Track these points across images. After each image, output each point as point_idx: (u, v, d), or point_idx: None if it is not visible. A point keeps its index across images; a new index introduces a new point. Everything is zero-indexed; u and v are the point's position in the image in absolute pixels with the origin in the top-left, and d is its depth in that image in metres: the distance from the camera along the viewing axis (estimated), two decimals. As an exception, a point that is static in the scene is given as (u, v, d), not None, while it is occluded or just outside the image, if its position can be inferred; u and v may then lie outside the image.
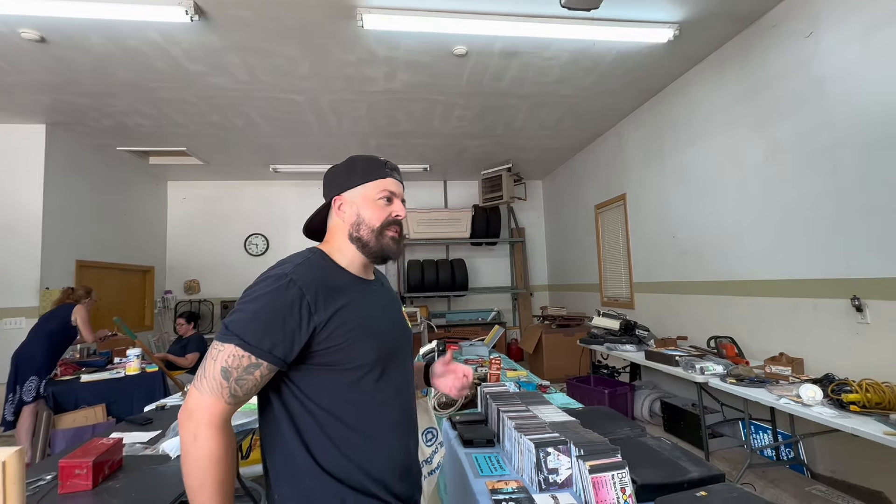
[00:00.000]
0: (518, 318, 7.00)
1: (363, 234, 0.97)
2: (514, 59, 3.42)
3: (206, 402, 0.79)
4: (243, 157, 5.56)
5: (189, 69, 3.38)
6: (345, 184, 0.99)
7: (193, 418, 0.78)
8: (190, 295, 6.52)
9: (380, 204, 0.97)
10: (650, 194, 4.35)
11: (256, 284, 0.86)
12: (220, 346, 0.80)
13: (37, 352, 3.29)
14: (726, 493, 1.09)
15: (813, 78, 2.64)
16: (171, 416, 2.11)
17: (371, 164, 1.00)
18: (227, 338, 0.80)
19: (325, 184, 1.03)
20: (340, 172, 1.01)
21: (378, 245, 0.97)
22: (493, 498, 1.19)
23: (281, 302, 0.82)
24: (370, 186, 0.98)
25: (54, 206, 4.39)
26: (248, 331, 0.80)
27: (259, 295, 0.83)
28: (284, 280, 0.84)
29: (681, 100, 3.84)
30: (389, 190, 0.99)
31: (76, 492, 1.37)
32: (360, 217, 0.97)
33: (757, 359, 2.96)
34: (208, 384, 0.79)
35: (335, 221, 1.00)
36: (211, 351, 0.81)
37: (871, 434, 1.70)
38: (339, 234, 0.98)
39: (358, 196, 0.97)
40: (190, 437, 0.77)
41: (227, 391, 0.79)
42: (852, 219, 2.44)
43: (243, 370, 0.80)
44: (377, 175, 0.99)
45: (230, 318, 0.83)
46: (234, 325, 0.81)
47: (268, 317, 0.81)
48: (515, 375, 2.57)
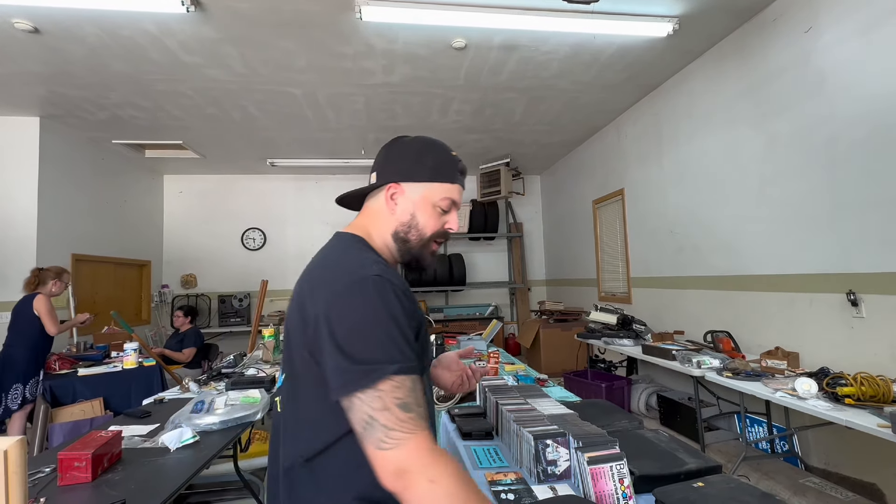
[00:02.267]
0: (516, 313, 7.02)
1: (412, 237, 0.86)
2: (513, 52, 3.41)
3: (409, 447, 0.65)
4: (240, 150, 5.53)
5: (185, 61, 3.35)
6: (408, 172, 0.85)
7: (412, 473, 0.64)
8: (187, 289, 6.50)
9: (437, 212, 0.86)
10: (648, 189, 4.36)
11: (351, 295, 0.70)
12: (374, 392, 0.66)
13: (16, 356, 3.15)
14: (723, 484, 1.10)
15: (812, 73, 2.64)
16: (169, 409, 2.11)
17: (444, 163, 0.87)
18: (374, 375, 0.66)
19: (386, 160, 0.87)
20: (407, 156, 0.86)
21: (419, 254, 0.87)
22: (492, 489, 1.20)
23: (391, 306, 0.71)
24: (436, 189, 0.85)
25: (49, 199, 4.36)
26: (391, 351, 0.68)
27: (368, 306, 0.70)
28: (380, 281, 0.72)
29: (680, 95, 3.84)
30: (454, 199, 0.87)
31: (75, 484, 1.37)
32: (413, 219, 0.85)
33: (753, 353, 2.98)
34: (400, 432, 0.65)
35: (381, 209, 0.87)
36: (368, 406, 0.66)
37: (866, 427, 1.72)
38: (383, 226, 0.87)
39: (419, 194, 0.85)
40: (425, 488, 0.63)
41: (420, 419, 0.67)
42: (849, 213, 2.45)
43: (413, 393, 0.68)
44: (448, 178, 0.86)
45: (356, 349, 0.68)
46: (369, 352, 0.68)
47: (392, 328, 0.70)
48: (513, 369, 2.58)
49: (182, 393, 2.49)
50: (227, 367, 2.96)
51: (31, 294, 3.30)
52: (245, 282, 6.51)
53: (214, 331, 6.17)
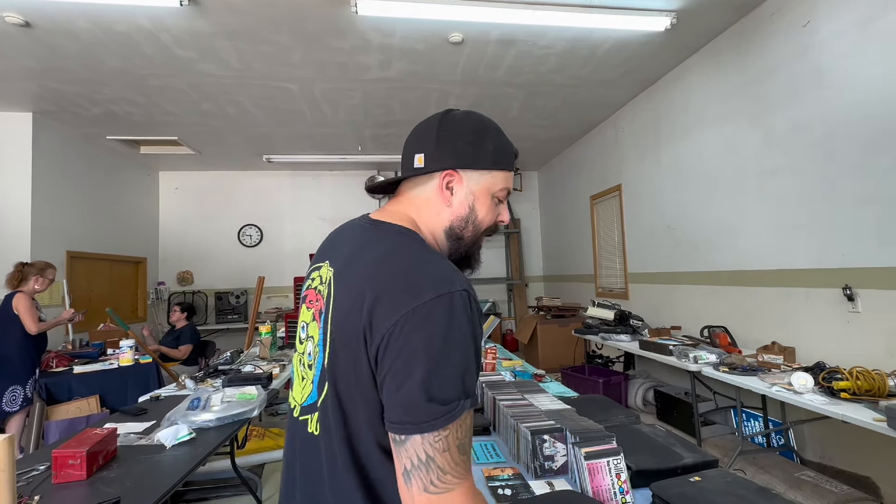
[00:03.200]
0: (513, 309, 7.03)
1: (467, 233, 0.76)
2: (511, 47, 3.39)
3: (455, 494, 0.59)
4: (236, 146, 5.49)
5: (179, 56, 3.31)
6: (469, 159, 0.74)
7: None
8: (183, 286, 6.47)
9: (494, 202, 0.77)
10: (646, 185, 4.36)
11: (438, 316, 0.59)
12: (444, 431, 0.58)
13: (7, 357, 3.08)
14: (720, 478, 1.10)
15: (809, 68, 2.64)
16: (165, 406, 2.10)
17: (504, 147, 0.77)
18: (449, 416, 0.58)
19: (439, 140, 0.74)
20: (464, 138, 0.74)
21: (470, 250, 0.78)
22: (489, 485, 1.20)
23: (475, 330, 0.63)
24: (498, 178, 0.76)
25: (43, 196, 4.32)
26: (469, 385, 0.61)
27: (454, 332, 0.60)
28: (467, 298, 0.62)
29: (677, 90, 3.83)
30: (510, 188, 0.78)
31: (70, 482, 1.37)
32: (472, 212, 0.75)
33: (749, 348, 2.99)
34: (453, 476, 0.59)
35: (433, 198, 0.75)
36: (430, 445, 0.58)
37: (861, 420, 1.73)
38: (435, 219, 0.76)
39: (480, 185, 0.75)
40: None
41: (470, 463, 0.62)
42: (845, 209, 2.45)
43: (469, 428, 0.62)
44: (508, 164, 0.77)
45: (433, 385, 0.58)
46: (450, 389, 0.59)
47: (472, 356, 0.61)
48: (511, 365, 2.58)
49: (178, 390, 2.48)
50: (224, 364, 2.95)
51: (12, 293, 3.20)
52: (242, 279, 6.49)
53: (211, 328, 6.16)
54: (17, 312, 3.12)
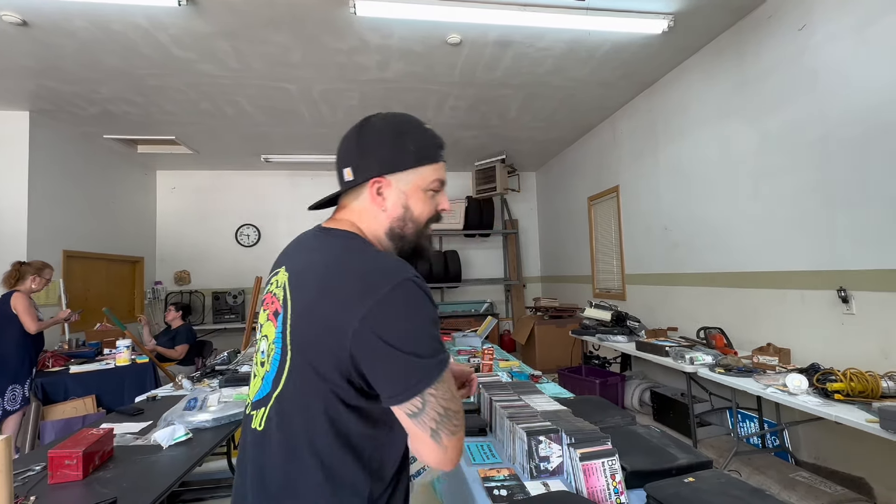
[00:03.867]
0: (511, 310, 7.04)
1: (408, 230, 0.80)
2: (509, 48, 3.40)
3: (457, 441, 0.69)
4: (234, 146, 5.48)
5: (177, 56, 3.31)
6: (392, 162, 0.77)
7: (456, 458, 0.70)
8: (181, 286, 6.46)
9: (429, 195, 0.80)
10: (643, 186, 4.37)
11: (403, 298, 0.67)
12: (443, 384, 0.68)
13: (7, 355, 3.08)
14: (714, 479, 1.11)
15: (805, 71, 2.65)
16: (162, 406, 2.10)
17: (427, 142, 0.80)
18: (439, 369, 0.68)
19: (361, 150, 0.78)
20: (385, 144, 0.77)
21: (419, 244, 0.82)
22: (485, 485, 1.20)
23: (431, 306, 0.71)
24: (425, 173, 0.79)
25: (40, 195, 4.31)
26: (440, 345, 0.70)
27: (416, 311, 0.68)
28: (420, 283, 0.70)
29: (674, 92, 3.85)
30: (442, 179, 0.81)
31: (66, 482, 1.36)
32: (408, 210, 0.78)
33: (745, 349, 3.01)
34: (461, 414, 0.70)
35: (367, 207, 0.79)
36: (442, 397, 0.67)
37: (854, 422, 1.74)
38: (375, 224, 0.80)
39: (409, 183, 0.78)
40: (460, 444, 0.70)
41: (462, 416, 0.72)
42: (840, 211, 2.47)
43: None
44: (433, 158, 0.79)
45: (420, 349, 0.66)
46: (431, 348, 0.67)
47: (436, 326, 0.70)
48: (508, 366, 2.59)
49: (175, 390, 2.48)
50: (221, 364, 2.95)
51: (9, 292, 3.20)
52: (239, 278, 6.48)
53: (208, 327, 6.15)
54: (15, 311, 3.12)
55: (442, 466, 0.69)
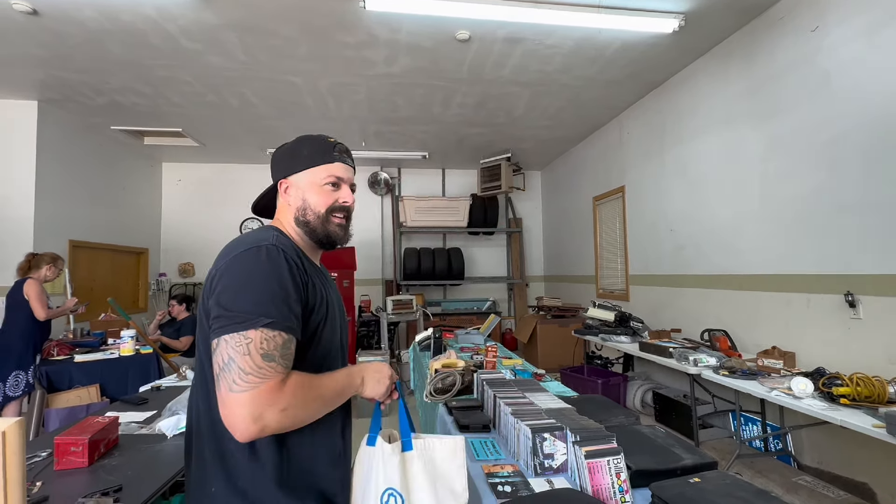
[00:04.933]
0: (513, 308, 7.03)
1: (309, 218, 0.95)
2: (518, 45, 3.38)
3: (261, 390, 0.70)
4: (239, 139, 5.49)
5: (185, 47, 3.31)
6: (290, 167, 0.97)
7: (265, 414, 0.70)
8: (184, 278, 6.48)
9: (326, 189, 0.96)
10: (649, 187, 4.35)
11: (244, 259, 0.79)
12: (243, 337, 0.71)
13: (12, 342, 3.14)
14: (719, 479, 1.11)
15: (817, 72, 2.63)
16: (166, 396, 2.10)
17: (318, 148, 0.97)
18: (246, 324, 0.72)
19: (273, 165, 1.00)
20: (286, 154, 0.99)
21: (324, 230, 0.96)
22: (489, 481, 1.20)
23: (280, 271, 0.79)
24: (317, 171, 0.96)
25: (47, 184, 4.32)
26: (269, 307, 0.74)
27: (255, 268, 0.78)
28: (274, 250, 0.81)
29: (683, 92, 3.82)
30: (336, 175, 0.97)
31: (72, 468, 1.37)
32: (305, 202, 0.95)
33: (749, 352, 3.00)
34: (255, 377, 0.70)
35: (282, 204, 0.99)
36: (232, 348, 0.71)
37: (860, 426, 1.73)
38: (286, 217, 0.97)
39: (304, 180, 0.96)
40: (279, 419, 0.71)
41: (281, 368, 0.73)
42: (849, 215, 2.45)
43: (282, 348, 0.74)
44: (324, 159, 0.96)
45: (235, 301, 0.74)
46: (247, 304, 0.74)
47: (275, 289, 0.77)
48: (511, 364, 2.58)
49: (179, 381, 2.49)
50: (225, 356, 2.96)
51: (22, 279, 3.27)
52: (243, 272, 6.48)
53: (212, 320, 6.16)
54: (27, 298, 3.18)
55: (229, 428, 0.71)
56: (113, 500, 1.19)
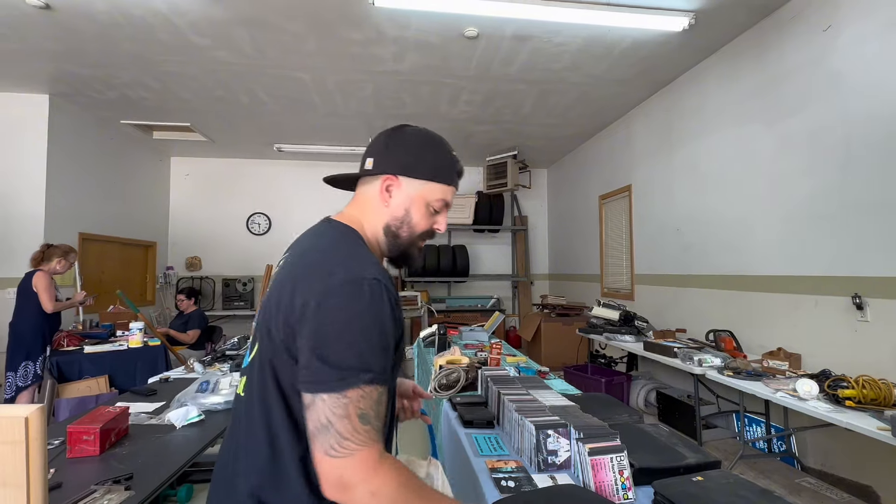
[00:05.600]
0: (517, 306, 7.04)
1: (403, 233, 0.84)
2: (526, 43, 3.37)
3: (356, 459, 0.64)
4: (247, 134, 5.52)
5: (195, 42, 3.33)
6: (408, 167, 0.83)
7: (354, 486, 0.64)
8: (192, 272, 6.54)
9: (430, 210, 0.85)
10: (656, 186, 4.33)
11: (344, 297, 0.68)
12: (342, 397, 0.65)
13: (23, 332, 3.20)
14: (722, 479, 1.11)
15: (828, 72, 2.60)
16: (174, 388, 2.14)
17: (445, 162, 0.86)
18: (346, 381, 0.65)
19: (385, 150, 0.84)
20: (409, 149, 0.84)
21: (408, 251, 0.86)
22: (492, 476, 1.22)
23: (383, 315, 0.69)
24: (434, 189, 0.84)
25: (57, 177, 4.37)
26: (370, 360, 0.67)
27: (357, 312, 0.68)
28: (377, 286, 0.70)
29: (692, 91, 3.80)
30: (447, 200, 0.86)
31: (84, 456, 1.40)
32: (407, 215, 0.84)
33: (755, 353, 2.99)
34: (353, 442, 0.64)
35: (374, 200, 0.85)
36: (330, 410, 0.65)
37: (865, 429, 1.73)
38: (375, 217, 0.85)
39: (416, 192, 0.83)
40: (365, 501, 0.65)
41: (375, 433, 0.67)
42: (859, 216, 2.43)
43: (377, 404, 0.68)
44: (446, 179, 0.85)
45: (335, 352, 0.66)
46: (347, 359, 0.66)
47: (376, 337, 0.68)
48: (515, 361, 2.59)
49: (187, 373, 2.52)
50: (231, 350, 3.00)
51: (33, 270, 3.32)
52: (249, 266, 6.54)
53: (218, 314, 6.22)
54: (35, 290, 3.21)
55: (321, 484, 0.65)
56: (124, 487, 1.22)
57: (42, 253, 3.40)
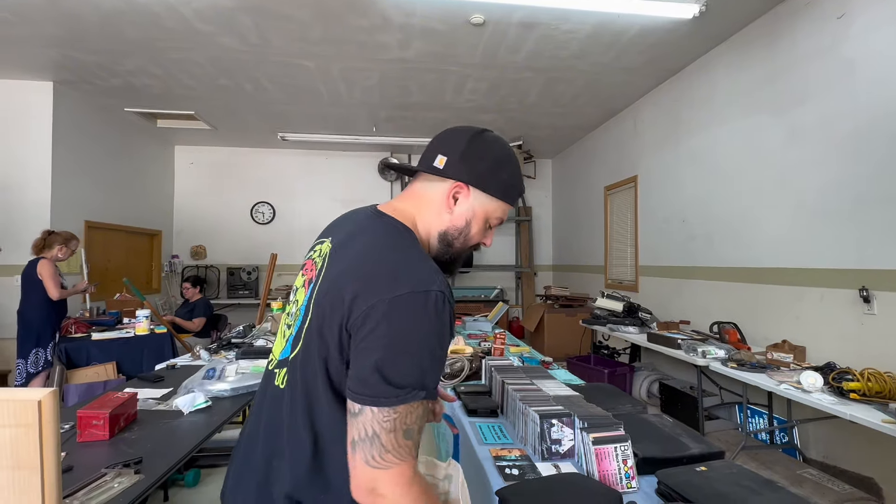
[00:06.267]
0: (521, 297, 7.05)
1: (458, 244, 0.83)
2: (533, 30, 3.32)
3: (393, 473, 0.64)
4: (251, 123, 5.50)
5: (199, 29, 3.30)
6: (483, 179, 0.81)
7: (385, 497, 0.65)
8: (196, 260, 6.58)
9: (487, 226, 0.86)
10: (662, 177, 4.30)
11: (409, 308, 0.66)
12: (392, 411, 0.64)
13: (31, 320, 3.23)
14: (726, 469, 1.12)
15: (841, 61, 2.55)
16: (181, 375, 2.16)
17: (515, 184, 0.86)
18: (400, 398, 0.64)
19: (465, 154, 0.81)
20: (486, 161, 0.81)
21: (455, 261, 0.86)
22: (497, 464, 1.23)
23: (445, 329, 0.69)
24: (499, 207, 0.84)
25: (63, 165, 4.38)
26: (426, 378, 0.67)
27: (422, 326, 0.67)
28: (442, 299, 0.68)
29: (701, 80, 3.74)
30: (503, 220, 0.87)
31: (94, 441, 1.42)
32: (468, 226, 0.82)
33: (759, 345, 2.98)
34: (394, 456, 0.64)
35: (438, 202, 0.82)
36: (378, 423, 0.64)
37: (870, 421, 1.73)
38: (433, 220, 0.82)
39: (483, 207, 0.83)
40: (360, 491, 0.65)
41: (415, 449, 0.67)
42: (869, 208, 2.40)
43: (421, 419, 0.68)
44: (512, 199, 0.86)
45: (394, 367, 0.65)
46: (406, 376, 0.65)
47: (438, 353, 0.68)
48: (519, 351, 2.60)
49: (193, 360, 2.55)
50: (237, 337, 3.02)
51: (36, 258, 3.33)
52: (254, 255, 6.57)
53: (223, 302, 6.27)
54: (40, 277, 3.23)
55: (352, 486, 0.66)
56: (134, 471, 1.24)
57: (43, 240, 3.40)
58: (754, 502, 0.95)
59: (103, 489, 1.15)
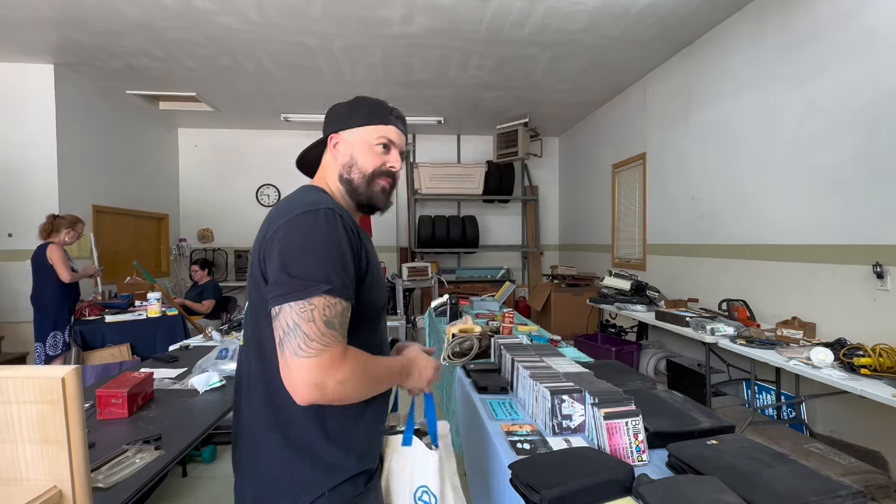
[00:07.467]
0: (527, 277, 7.05)
1: (354, 176, 0.94)
2: (539, 2, 3.22)
3: (324, 358, 0.71)
4: (254, 104, 5.44)
5: (198, 7, 3.24)
6: (345, 122, 0.96)
7: (324, 382, 0.71)
8: (204, 244, 6.62)
9: (376, 150, 0.95)
10: (672, 153, 4.22)
11: (301, 223, 0.77)
12: (307, 303, 0.72)
13: (46, 304, 3.27)
14: (736, 442, 1.12)
15: (861, 30, 2.46)
16: (195, 355, 2.20)
17: (376, 108, 0.97)
18: (309, 290, 0.72)
19: (326, 120, 1.00)
20: (343, 110, 0.98)
21: (367, 192, 0.95)
22: (508, 439, 1.24)
23: (339, 236, 0.78)
24: (369, 130, 0.95)
25: (68, 149, 4.38)
26: (330, 274, 0.74)
27: (314, 233, 0.77)
28: (331, 214, 0.79)
29: (713, 53, 3.63)
30: (389, 137, 0.96)
31: (114, 419, 1.46)
32: (353, 159, 0.94)
33: (769, 323, 2.97)
34: (319, 343, 0.71)
35: (328, 159, 0.98)
36: (297, 314, 0.71)
37: (880, 396, 1.73)
38: (331, 174, 0.97)
39: (355, 137, 0.95)
40: (335, 390, 0.72)
41: (341, 337, 0.74)
42: (885, 183, 2.35)
43: (341, 316, 0.75)
44: (380, 120, 0.96)
45: (296, 267, 0.74)
46: (309, 271, 0.74)
47: (334, 255, 0.76)
48: (527, 330, 2.61)
49: (205, 341, 2.59)
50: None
51: (44, 244, 3.35)
52: (260, 238, 6.58)
53: (231, 284, 6.33)
54: (51, 262, 3.26)
55: (289, 390, 0.72)
56: (154, 447, 1.27)
57: (50, 224, 3.40)
58: (766, 475, 0.96)
59: (126, 464, 1.19)
